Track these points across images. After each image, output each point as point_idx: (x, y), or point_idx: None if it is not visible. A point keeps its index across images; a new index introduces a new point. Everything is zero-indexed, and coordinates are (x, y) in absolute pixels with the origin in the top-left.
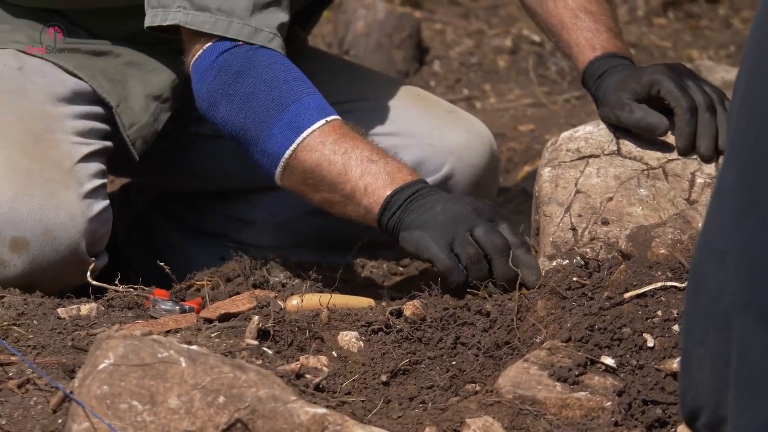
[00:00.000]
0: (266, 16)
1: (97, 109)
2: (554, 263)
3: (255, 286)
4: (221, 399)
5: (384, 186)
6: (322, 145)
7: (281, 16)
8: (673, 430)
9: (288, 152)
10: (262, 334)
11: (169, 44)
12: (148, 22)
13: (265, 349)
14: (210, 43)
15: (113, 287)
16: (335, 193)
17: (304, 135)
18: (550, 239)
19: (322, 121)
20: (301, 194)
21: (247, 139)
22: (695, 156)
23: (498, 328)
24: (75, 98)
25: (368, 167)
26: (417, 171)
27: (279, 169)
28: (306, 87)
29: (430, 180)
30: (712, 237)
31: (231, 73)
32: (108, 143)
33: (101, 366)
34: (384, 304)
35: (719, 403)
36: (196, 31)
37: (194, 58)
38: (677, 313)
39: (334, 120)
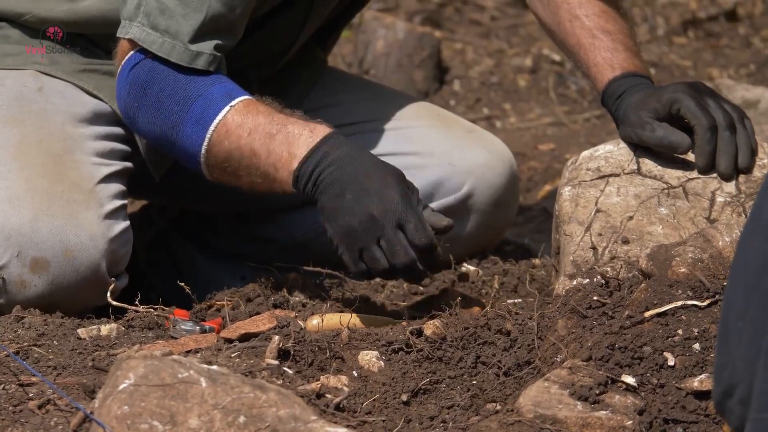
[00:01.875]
0: (208, 41)
1: (118, 130)
2: (575, 282)
3: (275, 306)
4: (242, 419)
5: (289, 159)
6: (228, 133)
7: (226, 37)
8: None
9: (203, 149)
10: (283, 354)
11: None
12: (118, 32)
13: (285, 368)
14: (127, 57)
15: (133, 308)
16: (254, 176)
17: (212, 127)
18: (571, 258)
19: (227, 108)
20: (231, 184)
21: (167, 144)
22: (715, 174)
23: (518, 348)
24: (95, 119)
25: (271, 144)
26: (319, 125)
27: (202, 166)
28: (211, 80)
29: (449, 199)
30: (762, 211)
31: (139, 85)
32: (128, 164)
33: (122, 386)
34: (404, 323)
35: (754, 373)
36: (128, 43)
37: (119, 70)
38: (698, 332)
39: (238, 102)
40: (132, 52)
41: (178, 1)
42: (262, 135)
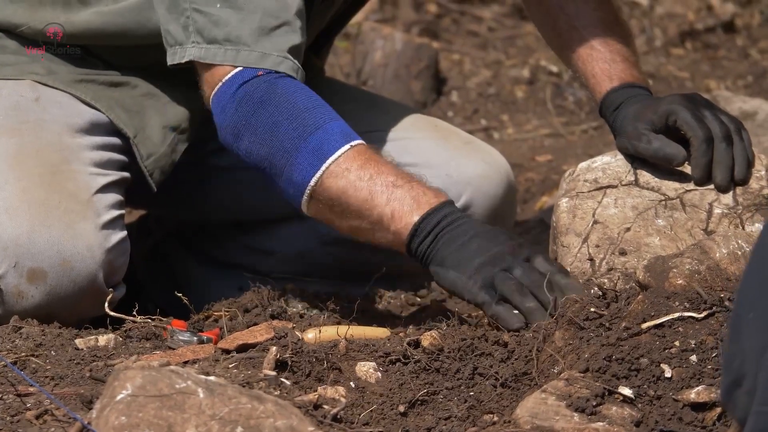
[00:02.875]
0: (274, 39)
1: (115, 140)
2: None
3: (273, 317)
4: (239, 429)
5: (410, 212)
6: (347, 172)
7: (292, 38)
8: None
9: (314, 180)
10: (280, 365)
11: (185, 75)
12: (169, 60)
13: (282, 379)
14: (229, 75)
15: (131, 318)
16: (362, 220)
17: (329, 162)
18: (568, 269)
19: (347, 146)
20: (328, 222)
21: (273, 169)
22: (712, 186)
23: (516, 359)
24: (92, 129)
25: (394, 192)
26: (442, 192)
27: (305, 198)
28: (328, 113)
29: None
30: None
31: (252, 104)
32: (126, 174)
33: (119, 397)
34: (402, 334)
35: (761, 365)
36: (211, 63)
37: (214, 91)
38: (695, 344)
39: (359, 145)
40: (236, 71)
41: (230, 9)
42: (385, 182)
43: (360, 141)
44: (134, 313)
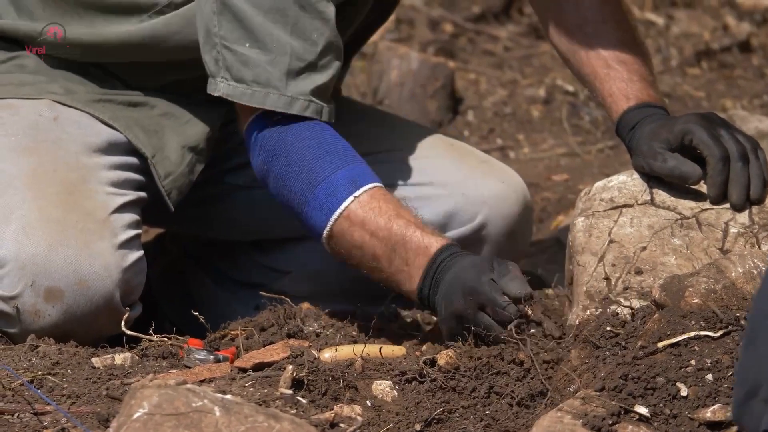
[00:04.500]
0: (300, 83)
1: (132, 160)
2: (588, 313)
3: (289, 336)
4: None
5: (408, 278)
6: (351, 228)
7: (317, 78)
8: None
9: (324, 234)
10: (297, 384)
11: (204, 95)
12: (208, 89)
13: (299, 398)
14: (253, 116)
15: (147, 337)
16: (376, 277)
17: (333, 218)
18: (584, 289)
19: (350, 199)
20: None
21: (294, 216)
22: (728, 205)
23: (532, 378)
24: (110, 149)
25: (392, 256)
26: (429, 230)
27: (326, 248)
28: (336, 160)
29: (463, 230)
30: None
31: (267, 153)
32: (142, 194)
33: (136, 415)
34: (418, 353)
35: None
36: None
37: (245, 127)
38: (710, 363)
39: (363, 194)
40: (259, 113)
41: (259, 50)
42: (384, 244)
43: (366, 187)
44: (151, 331)
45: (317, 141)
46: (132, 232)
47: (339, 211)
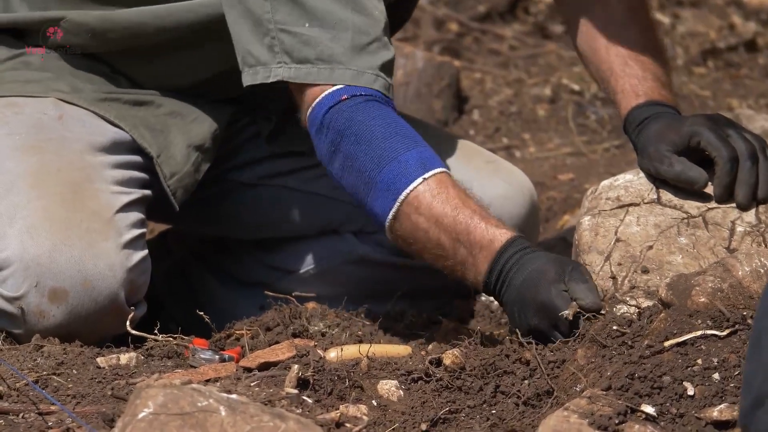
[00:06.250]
0: (367, 57)
1: (137, 159)
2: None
3: (294, 335)
4: None
5: (473, 267)
6: (418, 212)
7: (384, 54)
8: None
9: (388, 221)
10: (302, 383)
11: (209, 93)
12: (249, 81)
13: (304, 398)
14: (318, 99)
15: (152, 336)
16: (439, 265)
17: (400, 199)
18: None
19: (419, 180)
20: (413, 256)
21: (357, 198)
22: (734, 204)
23: (538, 377)
24: (114, 148)
25: (456, 246)
26: (506, 227)
27: (387, 232)
28: (405, 141)
29: None
30: None
31: (335, 132)
32: (147, 192)
33: (141, 415)
34: (424, 352)
35: None
36: (303, 83)
37: (309, 111)
38: (717, 362)
39: (432, 176)
40: (325, 93)
41: (320, 28)
42: (449, 233)
43: (435, 170)
44: (156, 331)
45: (386, 121)
46: (137, 232)
47: (407, 191)
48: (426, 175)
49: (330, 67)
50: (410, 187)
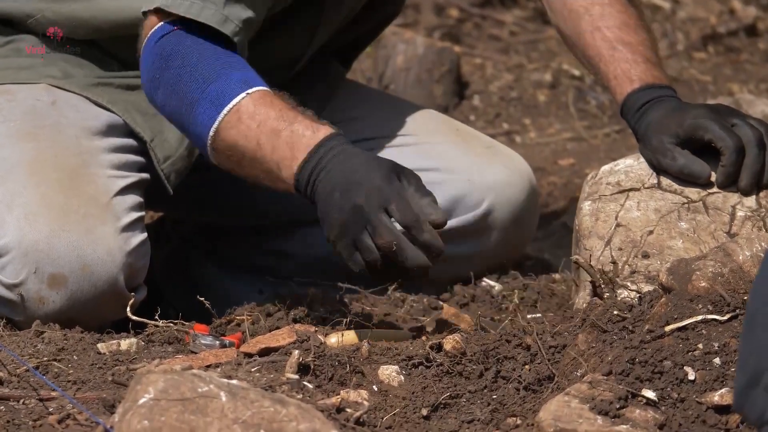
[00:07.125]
0: (236, 8)
1: (132, 142)
2: (595, 297)
3: (295, 321)
4: None
5: (290, 162)
6: (239, 121)
7: (248, 12)
8: None
9: (212, 131)
10: (303, 369)
11: None
12: (143, 7)
13: (305, 383)
14: (158, 26)
15: (153, 322)
16: (256, 169)
17: (224, 111)
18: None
19: (243, 94)
20: (235, 173)
21: (181, 122)
22: (735, 189)
23: (539, 362)
24: (109, 131)
25: (276, 141)
26: (320, 122)
27: (209, 149)
28: (234, 62)
29: (469, 216)
30: None
31: (163, 58)
32: (145, 175)
33: (141, 401)
34: (424, 338)
35: None
36: (156, 12)
37: (143, 43)
38: (718, 346)
39: (256, 91)
40: (160, 24)
41: None
42: (269, 129)
43: (259, 87)
44: (156, 317)
45: (217, 50)
46: (135, 215)
47: (231, 104)
48: (250, 90)
49: (202, 5)
50: (234, 100)
